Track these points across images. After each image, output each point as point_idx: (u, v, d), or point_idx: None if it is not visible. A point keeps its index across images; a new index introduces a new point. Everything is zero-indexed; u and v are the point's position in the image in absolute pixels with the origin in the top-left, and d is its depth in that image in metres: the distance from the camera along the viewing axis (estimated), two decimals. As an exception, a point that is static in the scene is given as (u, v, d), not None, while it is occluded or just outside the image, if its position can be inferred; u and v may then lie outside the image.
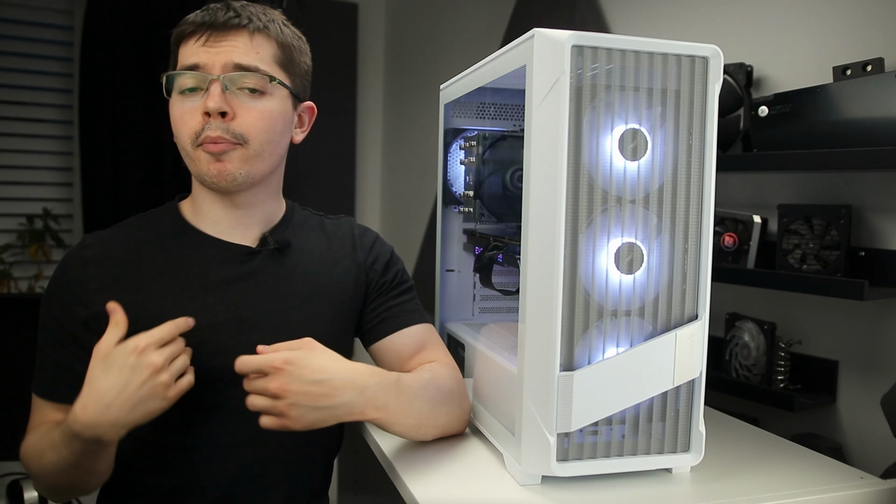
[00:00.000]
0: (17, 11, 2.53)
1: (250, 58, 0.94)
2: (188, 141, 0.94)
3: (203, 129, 0.93)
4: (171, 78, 0.95)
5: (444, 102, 1.24)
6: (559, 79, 0.79)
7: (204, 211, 1.02)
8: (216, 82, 0.92)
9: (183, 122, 0.94)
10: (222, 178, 0.94)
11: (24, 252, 2.57)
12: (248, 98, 0.94)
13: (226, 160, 0.94)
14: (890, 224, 1.09)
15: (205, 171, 0.94)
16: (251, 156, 0.95)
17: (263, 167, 0.98)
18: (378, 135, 3.12)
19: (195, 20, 0.95)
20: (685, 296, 0.86)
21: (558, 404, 0.81)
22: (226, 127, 0.93)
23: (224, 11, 0.95)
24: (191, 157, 0.95)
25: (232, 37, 0.94)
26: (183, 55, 0.95)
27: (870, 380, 1.12)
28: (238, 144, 0.94)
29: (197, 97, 0.94)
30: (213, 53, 0.93)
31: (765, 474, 0.91)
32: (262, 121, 0.95)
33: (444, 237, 1.28)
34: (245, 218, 1.02)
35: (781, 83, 1.26)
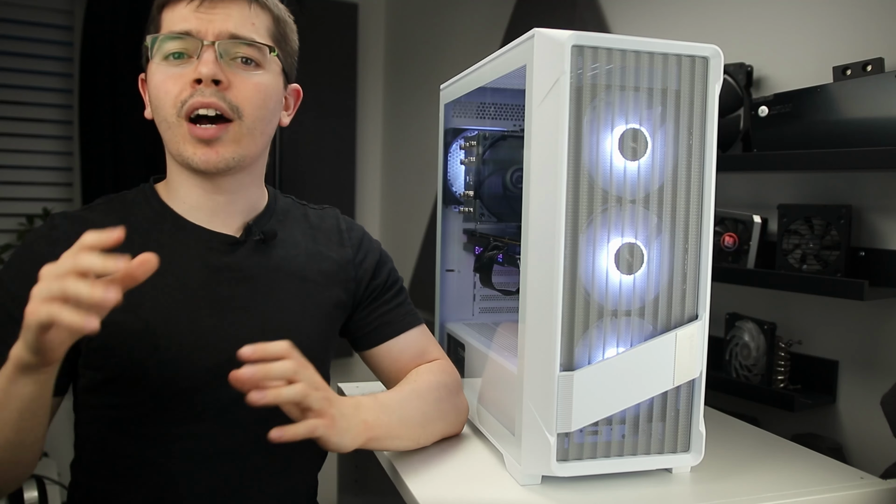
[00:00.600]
0: (17, 11, 2.53)
1: (246, 28, 0.89)
2: (172, 110, 0.87)
3: (190, 97, 0.86)
4: (156, 42, 0.88)
5: (444, 102, 1.24)
6: (559, 79, 0.79)
7: (181, 195, 0.94)
8: (210, 48, 0.86)
9: (166, 89, 0.87)
10: (211, 164, 0.88)
11: (24, 252, 2.57)
12: (242, 69, 0.89)
13: (217, 145, 0.87)
14: (890, 224, 1.09)
15: (190, 153, 0.87)
16: (244, 133, 0.89)
17: (255, 148, 0.92)
18: (378, 135, 3.12)
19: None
20: (685, 296, 0.86)
21: (558, 404, 0.81)
22: (221, 95, 0.86)
23: None
24: (173, 130, 0.88)
25: (227, 4, 0.88)
26: (170, 19, 0.89)
27: (870, 380, 1.12)
28: (229, 122, 0.88)
29: (184, 64, 0.87)
30: (207, 20, 0.87)
31: (765, 474, 0.91)
32: (258, 94, 0.90)
33: (444, 237, 1.28)
34: (228, 205, 0.95)
35: (781, 83, 1.26)
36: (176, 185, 0.95)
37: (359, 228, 1.10)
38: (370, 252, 1.07)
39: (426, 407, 0.95)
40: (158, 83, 0.88)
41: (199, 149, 0.87)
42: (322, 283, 1.00)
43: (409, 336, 1.06)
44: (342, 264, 1.03)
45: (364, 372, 1.14)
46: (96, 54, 2.49)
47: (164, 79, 0.88)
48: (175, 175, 0.95)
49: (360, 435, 0.82)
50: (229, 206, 0.95)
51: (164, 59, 0.88)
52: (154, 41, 0.89)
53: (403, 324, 1.06)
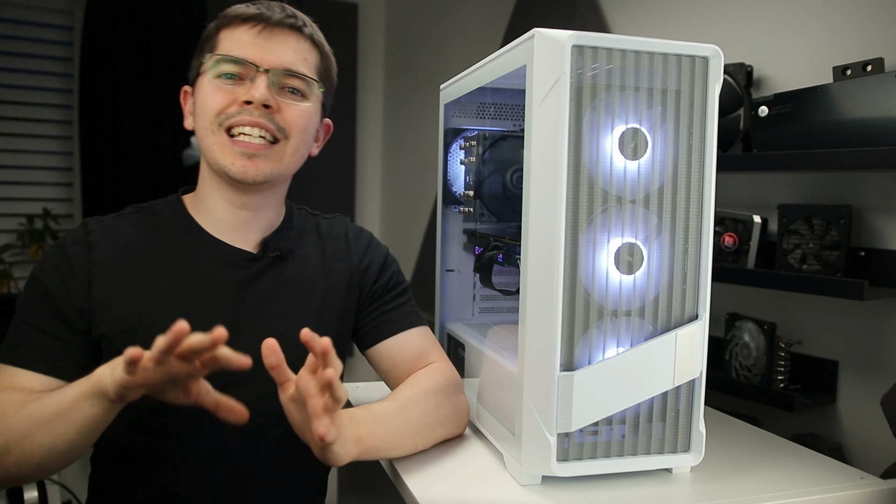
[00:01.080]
0: (17, 11, 2.53)
1: (299, 62, 0.96)
2: (215, 119, 0.92)
3: (236, 114, 0.92)
4: (211, 61, 0.94)
5: (444, 102, 1.24)
6: (559, 79, 0.79)
7: (209, 208, 1.00)
8: (264, 75, 0.92)
9: (214, 100, 0.93)
10: (249, 176, 0.93)
11: (24, 252, 2.57)
12: (289, 97, 0.95)
13: (259, 160, 0.93)
14: (890, 224, 1.09)
15: (229, 162, 0.93)
16: (287, 153, 0.96)
17: (290, 168, 0.99)
18: (378, 135, 3.12)
19: (247, 12, 0.94)
20: (685, 296, 0.86)
21: (558, 404, 0.81)
22: (270, 117, 0.93)
23: (280, 10, 0.96)
24: (212, 137, 0.93)
25: (285, 36, 0.95)
26: (227, 43, 0.94)
27: (870, 380, 1.12)
28: (275, 142, 0.94)
29: (235, 85, 0.93)
30: (265, 49, 0.93)
31: (765, 474, 0.91)
32: (304, 119, 0.96)
33: (444, 237, 1.28)
34: (250, 221, 1.01)
35: (781, 83, 1.26)
36: (205, 196, 1.00)
37: (366, 236, 1.13)
38: (375, 257, 1.10)
39: (423, 414, 0.94)
40: (208, 95, 0.94)
41: (239, 159, 0.93)
42: (330, 296, 1.04)
43: (409, 335, 1.06)
44: (348, 274, 1.06)
45: (364, 372, 1.14)
46: (96, 54, 2.49)
47: (214, 91, 0.93)
48: (206, 185, 1.00)
49: (353, 448, 0.81)
50: (251, 223, 1.01)
51: (218, 77, 0.94)
52: (209, 59, 0.94)
53: (403, 323, 1.07)
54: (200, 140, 0.96)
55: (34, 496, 1.36)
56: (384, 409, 0.90)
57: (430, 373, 1.02)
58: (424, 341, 1.07)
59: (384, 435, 0.87)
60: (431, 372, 1.02)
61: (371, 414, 0.87)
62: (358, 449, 0.82)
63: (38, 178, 2.63)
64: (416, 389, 0.96)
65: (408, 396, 0.95)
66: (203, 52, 0.98)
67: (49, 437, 0.78)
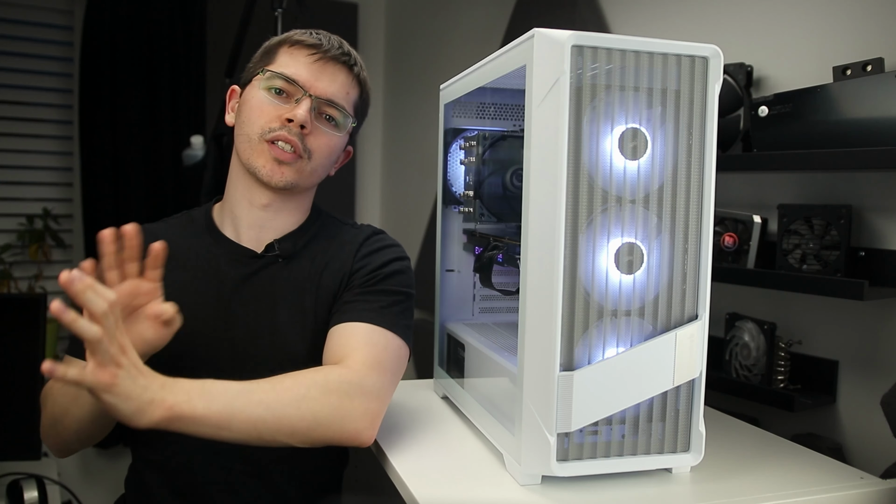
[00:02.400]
0: (17, 11, 2.53)
1: (342, 95, 1.06)
2: (258, 132, 1.03)
3: (278, 129, 1.02)
4: (269, 75, 1.04)
5: (444, 102, 1.24)
6: (559, 79, 0.79)
7: (232, 207, 1.09)
8: (308, 100, 1.02)
9: (260, 114, 1.03)
10: (275, 180, 1.03)
11: (24, 252, 2.57)
12: (324, 124, 1.06)
13: (285, 167, 1.03)
14: (890, 224, 1.09)
15: (261, 164, 1.03)
16: (307, 171, 1.06)
17: (308, 183, 1.08)
18: (378, 135, 3.12)
19: (310, 40, 1.05)
20: (685, 296, 0.86)
21: (558, 404, 0.81)
22: (301, 137, 1.03)
23: (338, 46, 1.07)
24: (254, 146, 1.04)
25: (336, 70, 1.06)
26: (286, 61, 1.05)
27: (870, 380, 1.12)
28: (300, 157, 1.04)
29: (282, 101, 1.04)
30: (316, 76, 1.04)
31: (765, 474, 0.91)
32: (328, 147, 1.07)
33: (444, 237, 1.28)
34: (265, 220, 1.09)
35: (781, 83, 1.26)
36: (230, 196, 1.11)
37: (381, 244, 1.11)
38: (374, 260, 1.07)
39: (277, 403, 0.85)
40: (257, 106, 1.04)
41: (270, 163, 1.03)
42: (322, 293, 1.06)
43: (353, 328, 0.99)
44: (342, 273, 1.08)
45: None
46: (96, 54, 2.49)
47: (262, 106, 1.04)
48: (232, 185, 1.11)
49: (154, 412, 0.78)
50: (266, 222, 1.09)
51: (268, 89, 1.04)
52: (266, 72, 1.05)
53: (355, 315, 1.00)
54: (240, 143, 1.06)
55: (34, 496, 1.36)
56: (223, 387, 0.84)
57: (328, 368, 0.94)
58: (361, 339, 0.98)
59: (206, 412, 0.81)
60: (331, 367, 0.94)
61: (201, 387, 0.83)
62: (164, 415, 0.78)
63: (38, 178, 2.63)
64: (286, 378, 0.89)
65: (268, 381, 0.88)
66: (261, 62, 1.08)
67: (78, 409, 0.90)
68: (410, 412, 1.15)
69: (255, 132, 1.03)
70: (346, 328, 0.99)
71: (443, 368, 1.25)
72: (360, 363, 0.94)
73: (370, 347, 0.97)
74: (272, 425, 0.85)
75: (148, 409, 0.78)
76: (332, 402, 0.88)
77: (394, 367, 0.99)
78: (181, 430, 0.81)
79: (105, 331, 0.74)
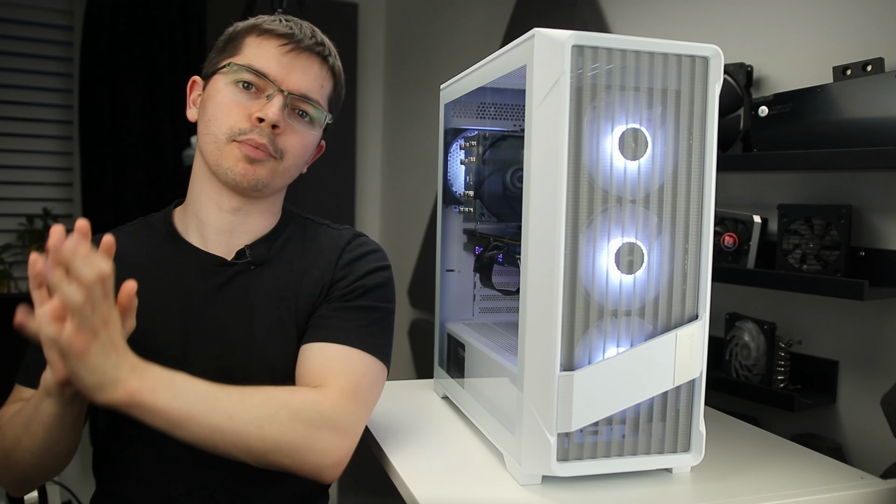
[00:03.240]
0: (17, 11, 2.53)
1: (315, 89, 0.98)
2: (227, 132, 0.94)
3: (248, 131, 0.93)
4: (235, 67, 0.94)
5: (444, 102, 1.24)
6: (559, 79, 0.79)
7: (198, 211, 1.00)
8: (280, 96, 0.94)
9: (227, 113, 0.94)
10: (246, 180, 0.95)
11: (24, 252, 2.57)
12: (297, 121, 0.97)
13: (257, 166, 0.95)
14: (890, 224, 1.09)
15: (231, 165, 0.94)
16: (279, 171, 0.97)
17: (281, 183, 1.00)
18: (378, 135, 3.12)
19: (280, 28, 0.96)
20: (685, 296, 0.86)
21: (558, 404, 0.81)
22: (272, 139, 0.95)
23: (310, 35, 0.97)
24: (221, 148, 0.95)
25: (309, 62, 0.97)
26: (254, 52, 0.95)
27: (870, 380, 1.12)
28: (273, 157, 0.96)
29: (251, 97, 0.95)
30: (288, 69, 0.95)
31: (765, 474, 0.91)
32: (302, 146, 0.99)
33: (444, 237, 1.28)
34: (235, 224, 1.00)
35: (781, 83, 1.26)
36: (195, 199, 1.01)
37: (361, 251, 1.03)
38: (356, 270, 1.01)
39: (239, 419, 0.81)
40: (222, 104, 0.95)
41: (241, 164, 0.94)
42: (300, 302, 0.98)
43: (328, 349, 0.93)
44: (321, 282, 1.00)
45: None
46: (96, 54, 2.49)
47: (229, 103, 0.94)
48: (197, 187, 1.01)
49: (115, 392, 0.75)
50: (238, 227, 1.00)
51: (235, 83, 0.95)
52: (231, 64, 0.95)
53: (331, 333, 0.94)
54: (205, 143, 0.96)
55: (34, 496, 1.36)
56: (192, 385, 0.80)
57: (303, 391, 0.89)
58: (339, 363, 0.92)
59: (167, 405, 0.77)
60: (306, 391, 0.89)
61: (169, 378, 0.79)
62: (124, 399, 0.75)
63: (38, 178, 2.63)
64: (259, 392, 0.85)
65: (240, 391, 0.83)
66: (225, 52, 0.98)
67: (29, 439, 0.84)
68: (410, 412, 1.15)
69: (223, 132, 0.94)
70: (323, 349, 0.93)
71: (443, 368, 1.25)
72: (337, 392, 0.88)
73: (349, 375, 0.90)
74: (229, 438, 0.80)
75: (110, 387, 0.74)
76: (299, 431, 0.83)
77: (371, 396, 0.94)
78: (137, 417, 0.77)
79: (88, 299, 0.70)
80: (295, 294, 0.99)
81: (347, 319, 0.96)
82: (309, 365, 0.93)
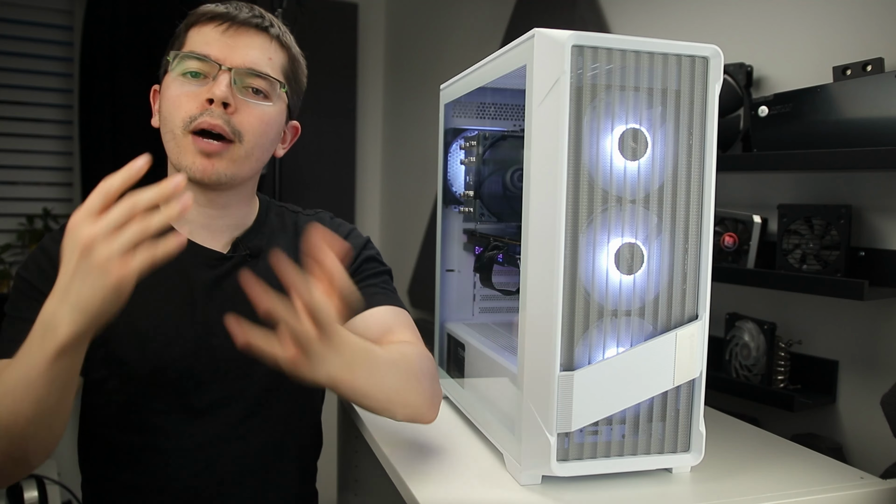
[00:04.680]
0: (17, 11, 2.53)
1: (263, 62, 0.95)
2: (180, 124, 0.93)
3: (199, 115, 0.92)
4: (177, 58, 0.94)
5: (444, 102, 1.24)
6: (559, 79, 0.79)
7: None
8: (226, 73, 0.92)
9: (179, 104, 0.93)
10: (206, 176, 0.93)
11: (24, 252, 2.57)
12: (251, 97, 0.95)
13: (215, 159, 0.93)
14: (890, 224, 1.09)
15: (190, 162, 0.93)
16: (241, 156, 0.95)
17: (248, 170, 0.98)
18: (378, 135, 3.12)
19: (215, 11, 0.95)
20: (685, 296, 0.86)
21: (558, 404, 0.81)
22: (227, 119, 0.92)
23: (248, 10, 0.96)
24: (179, 142, 0.93)
25: (250, 36, 0.95)
26: (195, 40, 0.95)
27: (870, 380, 1.12)
28: (230, 142, 0.94)
29: (199, 84, 0.93)
30: (229, 47, 0.93)
31: (765, 474, 0.91)
32: (261, 123, 0.96)
33: (444, 237, 1.28)
34: (217, 219, 1.01)
35: (781, 83, 1.26)
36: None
37: (343, 230, 1.12)
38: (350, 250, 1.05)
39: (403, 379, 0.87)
40: (173, 97, 0.94)
41: (199, 159, 0.93)
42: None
43: (374, 313, 1.02)
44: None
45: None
46: (96, 54, 2.49)
47: (179, 94, 0.93)
48: None
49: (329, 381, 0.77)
50: (219, 220, 1.01)
51: (182, 75, 0.94)
52: (175, 57, 0.94)
53: (369, 301, 1.02)
54: (166, 142, 0.96)
55: (34, 496, 1.36)
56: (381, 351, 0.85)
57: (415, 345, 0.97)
58: (391, 318, 1.02)
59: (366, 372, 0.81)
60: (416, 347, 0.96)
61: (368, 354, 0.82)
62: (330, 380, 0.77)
63: (38, 178, 2.63)
64: (405, 352, 0.91)
65: (400, 355, 0.89)
66: (171, 50, 0.98)
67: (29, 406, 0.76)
68: (410, 412, 1.15)
69: (178, 125, 0.93)
70: (366, 315, 1.00)
71: (443, 368, 1.25)
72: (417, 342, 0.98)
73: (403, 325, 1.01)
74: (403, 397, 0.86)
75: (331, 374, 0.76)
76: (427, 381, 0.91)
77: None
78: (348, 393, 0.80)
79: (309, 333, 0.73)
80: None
81: (370, 286, 1.04)
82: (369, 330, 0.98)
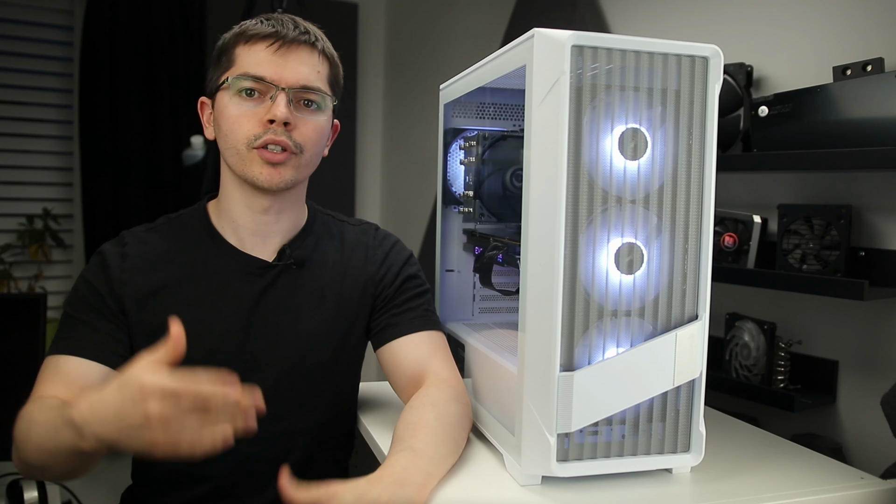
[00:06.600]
0: (17, 11, 2.53)
1: (313, 76, 1.01)
2: (244, 143, 0.98)
3: (263, 133, 0.97)
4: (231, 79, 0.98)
5: (443, 102, 1.24)
6: (559, 79, 0.78)
7: (231, 213, 1.05)
8: (283, 94, 0.97)
9: (240, 124, 0.98)
10: (274, 184, 0.99)
11: (24, 252, 2.57)
12: (305, 111, 1.01)
13: (281, 168, 0.99)
14: (890, 224, 1.09)
15: (257, 173, 0.99)
16: (303, 164, 1.02)
17: (306, 174, 1.05)
18: (378, 135, 3.12)
19: (264, 30, 0.99)
20: (685, 296, 0.85)
21: (558, 404, 0.81)
22: (288, 135, 0.98)
23: (293, 26, 1.00)
24: (243, 157, 0.99)
25: (299, 53, 1.00)
26: (246, 60, 0.99)
27: (870, 380, 1.12)
28: (294, 154, 1.00)
29: (256, 102, 0.98)
30: (281, 67, 0.98)
31: (765, 474, 0.91)
32: (316, 133, 1.02)
33: (444, 237, 1.28)
34: (270, 225, 1.06)
35: (781, 83, 1.26)
36: (228, 203, 1.06)
37: (387, 244, 1.14)
38: (393, 265, 1.12)
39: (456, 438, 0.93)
40: (233, 117, 0.99)
41: (266, 169, 0.99)
42: (343, 304, 1.07)
43: (413, 339, 1.06)
44: (363, 283, 1.09)
45: (371, 372, 1.14)
46: (96, 54, 2.49)
47: (239, 114, 0.99)
48: (229, 192, 1.05)
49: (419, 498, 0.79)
50: (272, 226, 1.06)
51: (238, 93, 0.99)
52: (230, 78, 0.99)
53: (409, 326, 1.07)
54: (229, 156, 1.01)
55: (34, 496, 1.36)
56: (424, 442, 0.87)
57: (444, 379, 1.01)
58: (428, 346, 1.06)
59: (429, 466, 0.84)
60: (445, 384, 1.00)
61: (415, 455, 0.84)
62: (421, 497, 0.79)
63: (38, 178, 2.63)
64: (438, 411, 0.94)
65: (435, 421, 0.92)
66: (220, 66, 1.02)
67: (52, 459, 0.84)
68: (410, 412, 1.15)
69: (241, 143, 0.98)
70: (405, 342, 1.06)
71: (443, 368, 1.25)
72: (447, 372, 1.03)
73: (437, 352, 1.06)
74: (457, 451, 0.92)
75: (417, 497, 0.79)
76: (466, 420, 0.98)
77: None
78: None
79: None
80: (337, 296, 1.07)
81: (411, 310, 1.09)
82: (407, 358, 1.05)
